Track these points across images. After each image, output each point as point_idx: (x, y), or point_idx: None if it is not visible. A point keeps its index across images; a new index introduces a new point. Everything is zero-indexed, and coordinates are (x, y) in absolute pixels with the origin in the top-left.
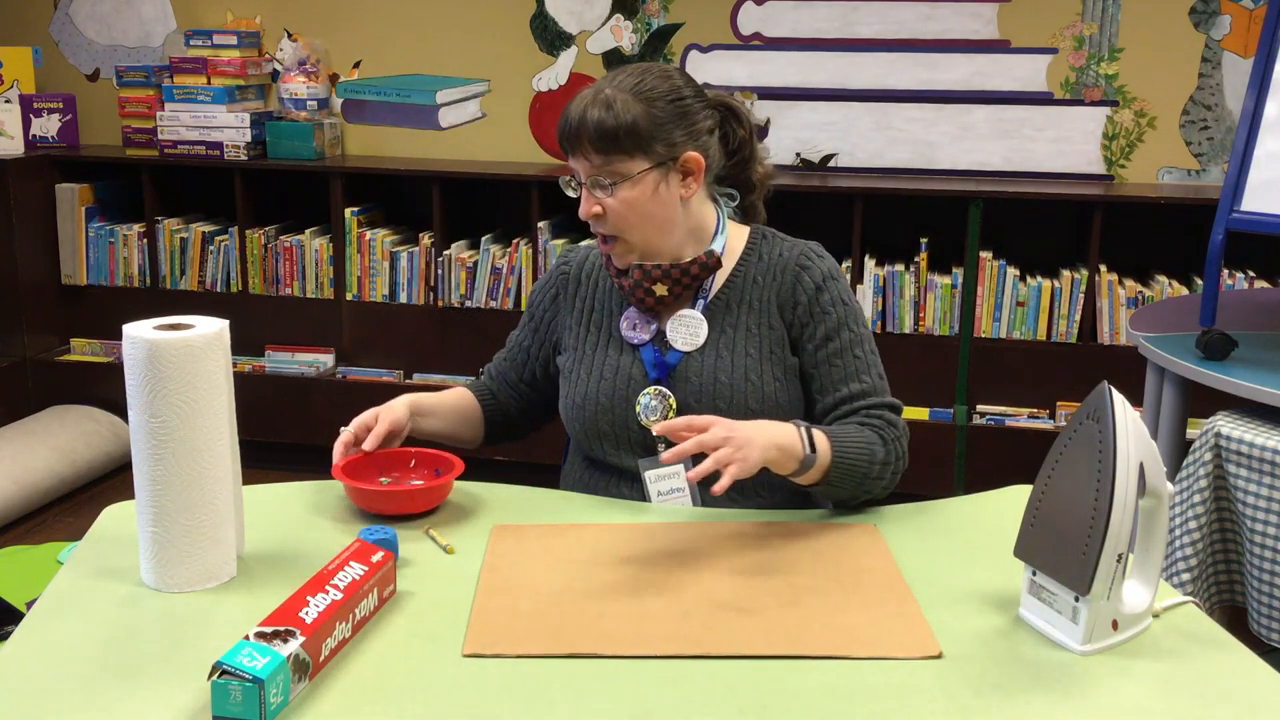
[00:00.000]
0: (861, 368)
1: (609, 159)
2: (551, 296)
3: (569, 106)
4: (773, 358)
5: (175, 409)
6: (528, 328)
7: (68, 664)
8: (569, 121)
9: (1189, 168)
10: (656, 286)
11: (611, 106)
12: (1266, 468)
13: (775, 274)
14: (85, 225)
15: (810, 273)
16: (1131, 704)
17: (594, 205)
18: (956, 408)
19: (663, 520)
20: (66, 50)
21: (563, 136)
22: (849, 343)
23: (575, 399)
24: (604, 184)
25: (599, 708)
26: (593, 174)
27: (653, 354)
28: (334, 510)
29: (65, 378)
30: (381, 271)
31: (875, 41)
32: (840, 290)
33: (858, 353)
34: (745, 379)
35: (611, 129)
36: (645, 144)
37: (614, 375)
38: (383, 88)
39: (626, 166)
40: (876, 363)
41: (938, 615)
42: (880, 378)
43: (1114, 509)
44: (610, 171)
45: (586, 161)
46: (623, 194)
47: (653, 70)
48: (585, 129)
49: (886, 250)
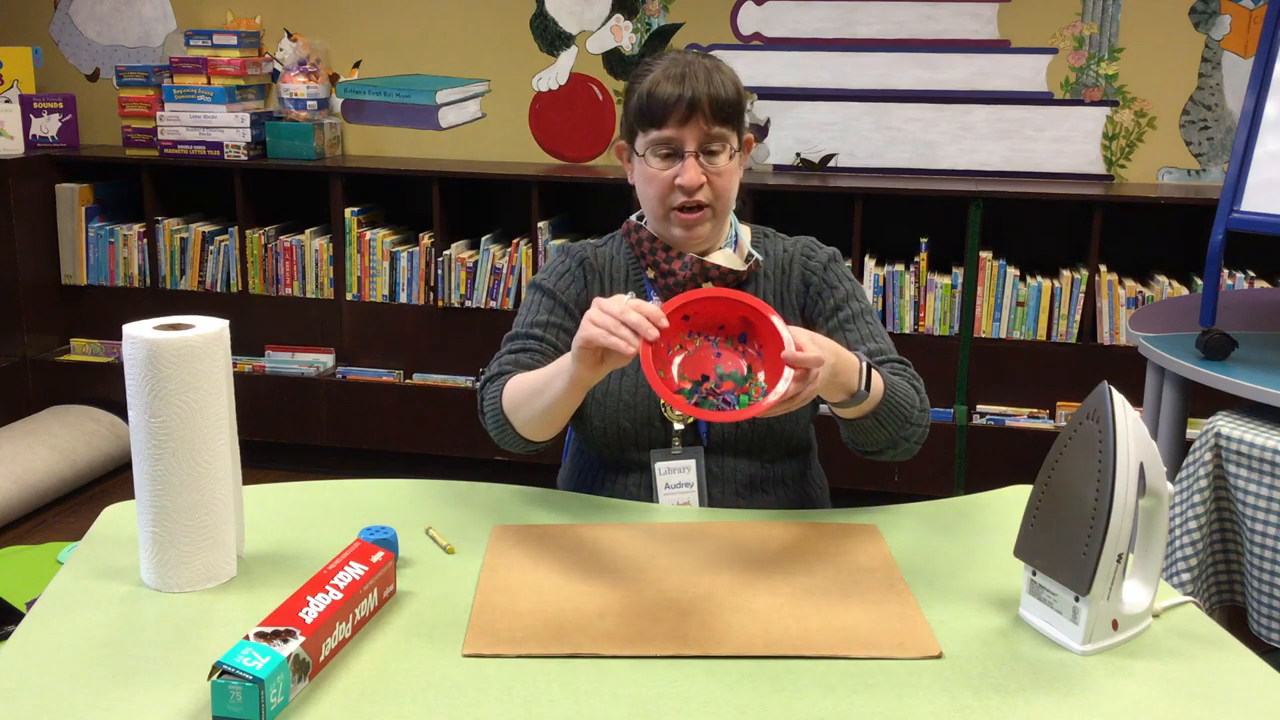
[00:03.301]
0: (875, 333)
1: (722, 128)
2: (582, 284)
3: (668, 78)
4: None
5: (175, 409)
6: (555, 310)
7: (68, 664)
8: (684, 91)
9: (1189, 168)
10: (707, 285)
11: (725, 77)
12: (1266, 468)
13: (783, 268)
14: (85, 225)
15: (815, 257)
16: (1131, 704)
17: (702, 174)
18: (956, 408)
19: (663, 520)
20: (66, 50)
21: (674, 103)
22: (859, 311)
23: (595, 394)
24: (716, 151)
25: (599, 708)
26: (705, 142)
27: None
28: (334, 510)
29: (65, 378)
30: (381, 271)
31: (875, 41)
32: (844, 270)
33: (868, 319)
34: None
35: (729, 100)
36: (740, 119)
37: (635, 370)
38: (383, 88)
39: (731, 138)
40: (885, 333)
41: (938, 615)
42: (892, 346)
43: (1114, 509)
44: (721, 138)
45: (700, 129)
46: (723, 164)
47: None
48: (708, 95)
49: (886, 250)
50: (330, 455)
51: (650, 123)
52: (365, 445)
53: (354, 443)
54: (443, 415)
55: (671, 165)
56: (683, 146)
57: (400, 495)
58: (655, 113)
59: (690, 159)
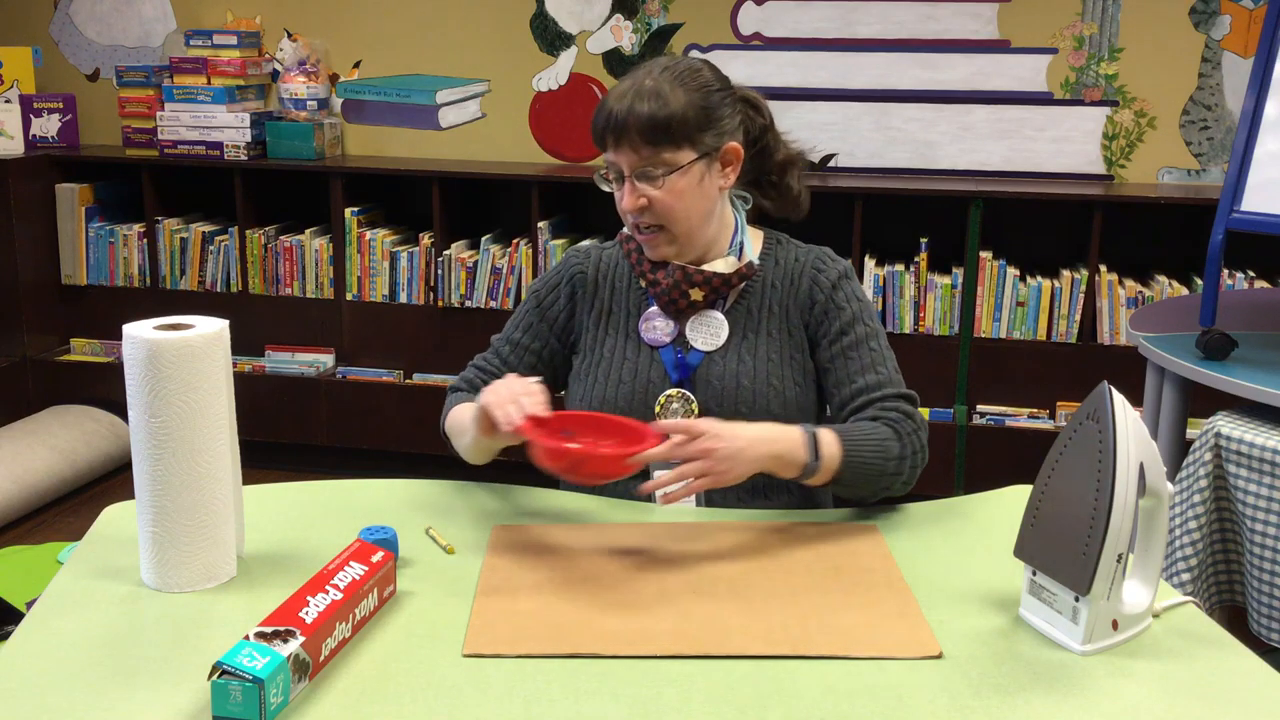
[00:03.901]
0: (877, 360)
1: (658, 150)
2: (568, 295)
3: (610, 101)
4: (793, 362)
5: (175, 409)
6: (535, 329)
7: (68, 664)
8: (614, 114)
9: (1189, 168)
10: (693, 291)
11: (660, 96)
12: (1266, 468)
13: (793, 278)
14: (85, 225)
15: (826, 273)
16: (1131, 704)
17: (639, 198)
18: (956, 408)
19: (663, 520)
20: (66, 50)
21: (605, 129)
22: (864, 336)
23: (591, 401)
24: (652, 175)
25: (599, 708)
26: (640, 166)
27: (673, 355)
28: (334, 510)
29: (65, 378)
30: (381, 271)
31: (875, 41)
32: (854, 289)
33: (873, 345)
34: (767, 383)
35: (663, 120)
36: (693, 134)
37: (633, 378)
38: (383, 88)
39: (676, 157)
40: (892, 358)
41: (938, 615)
42: (896, 371)
43: (1114, 509)
44: (660, 162)
45: (634, 154)
46: (671, 184)
47: (683, 63)
48: (635, 120)
49: (886, 250)
50: (330, 455)
51: (598, 144)
52: (365, 445)
53: (354, 443)
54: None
55: (620, 188)
56: (622, 170)
57: (400, 495)
58: (597, 135)
59: (628, 183)
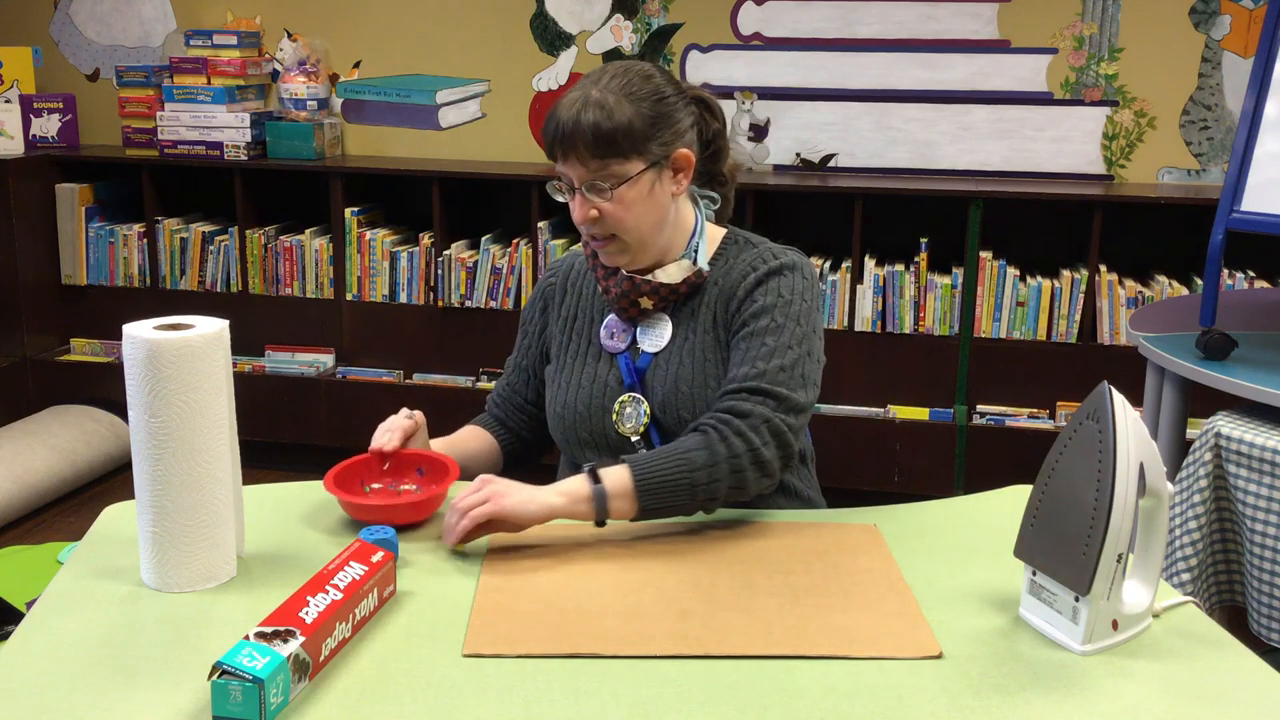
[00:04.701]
0: (763, 354)
1: (606, 162)
2: (540, 309)
3: (556, 112)
4: (725, 363)
5: (175, 409)
6: (522, 346)
7: (68, 664)
8: (561, 127)
9: (1189, 168)
10: (643, 300)
11: (605, 108)
12: (1266, 468)
13: (733, 278)
14: (85, 225)
15: (759, 271)
16: (1131, 704)
17: (590, 209)
18: (956, 408)
19: (663, 521)
20: (66, 50)
21: (554, 142)
22: (765, 328)
23: (556, 408)
24: (601, 187)
25: (599, 708)
26: (589, 178)
27: (626, 361)
28: (334, 510)
29: (65, 378)
30: (381, 271)
31: (875, 41)
32: (784, 283)
33: (768, 340)
34: (704, 385)
35: (608, 131)
36: (641, 144)
37: (591, 384)
38: (383, 88)
39: (624, 168)
40: (789, 355)
41: (938, 615)
42: (782, 370)
43: (1114, 509)
44: (608, 174)
45: (582, 166)
46: (620, 196)
47: (634, 69)
48: (580, 133)
49: (886, 250)
50: (330, 455)
51: (549, 156)
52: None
53: (354, 443)
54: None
55: (572, 198)
56: (572, 182)
57: None
58: (546, 147)
59: (577, 195)
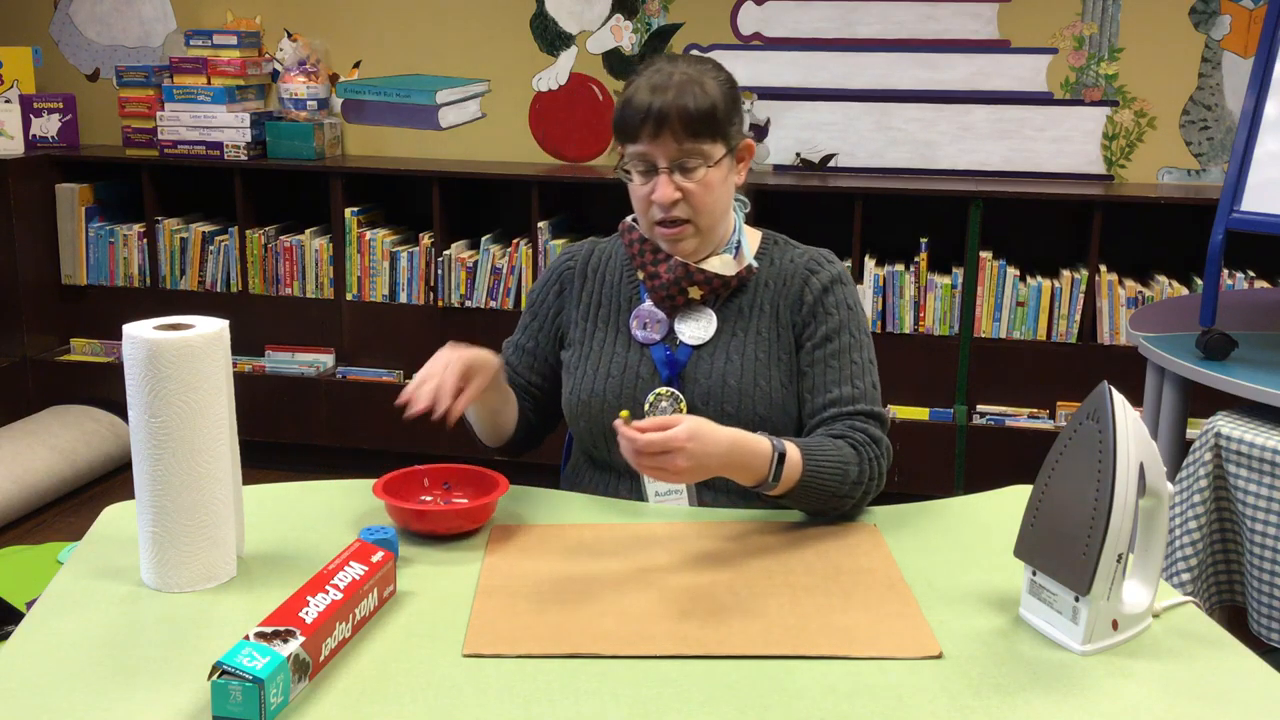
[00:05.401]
0: (856, 373)
1: (697, 141)
2: (556, 292)
3: (641, 91)
4: (780, 363)
5: (175, 409)
6: (530, 328)
7: (68, 664)
8: (652, 105)
9: (1189, 168)
10: (693, 289)
11: (701, 86)
12: (1266, 468)
13: (786, 279)
14: (85, 225)
15: (819, 276)
16: (1131, 704)
17: (674, 190)
18: (956, 408)
19: (661, 520)
20: (66, 50)
21: (642, 119)
22: (847, 346)
23: (581, 395)
24: (689, 167)
25: (599, 708)
26: (679, 157)
27: (663, 352)
28: (334, 510)
29: (65, 378)
30: (381, 271)
31: (875, 41)
32: (847, 295)
33: (854, 357)
34: (754, 383)
35: (705, 110)
36: (725, 127)
37: (621, 373)
38: (383, 88)
39: (711, 150)
40: (872, 371)
41: (938, 615)
42: (874, 387)
43: (1114, 509)
44: (697, 153)
45: (675, 144)
46: (706, 178)
47: (705, 58)
48: (679, 110)
49: (886, 250)
50: (330, 455)
51: (626, 137)
52: (365, 445)
53: (354, 443)
54: None
55: (648, 180)
56: (656, 162)
57: None
58: (629, 127)
59: (663, 175)
